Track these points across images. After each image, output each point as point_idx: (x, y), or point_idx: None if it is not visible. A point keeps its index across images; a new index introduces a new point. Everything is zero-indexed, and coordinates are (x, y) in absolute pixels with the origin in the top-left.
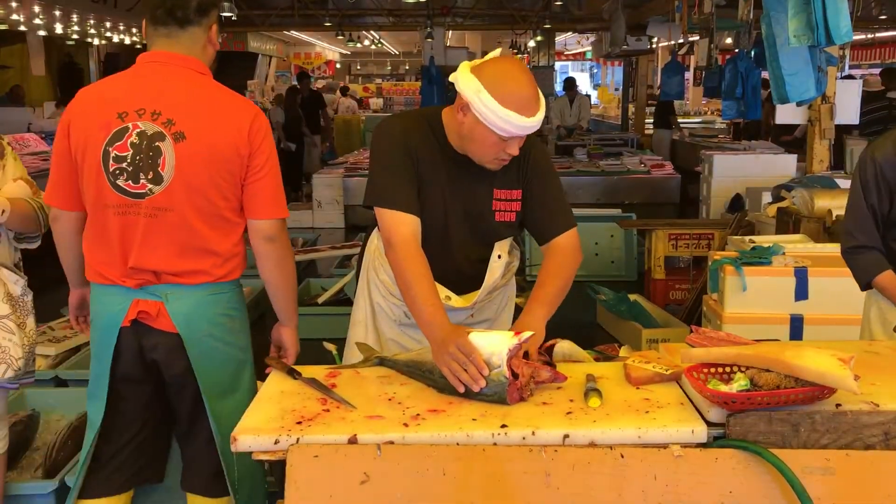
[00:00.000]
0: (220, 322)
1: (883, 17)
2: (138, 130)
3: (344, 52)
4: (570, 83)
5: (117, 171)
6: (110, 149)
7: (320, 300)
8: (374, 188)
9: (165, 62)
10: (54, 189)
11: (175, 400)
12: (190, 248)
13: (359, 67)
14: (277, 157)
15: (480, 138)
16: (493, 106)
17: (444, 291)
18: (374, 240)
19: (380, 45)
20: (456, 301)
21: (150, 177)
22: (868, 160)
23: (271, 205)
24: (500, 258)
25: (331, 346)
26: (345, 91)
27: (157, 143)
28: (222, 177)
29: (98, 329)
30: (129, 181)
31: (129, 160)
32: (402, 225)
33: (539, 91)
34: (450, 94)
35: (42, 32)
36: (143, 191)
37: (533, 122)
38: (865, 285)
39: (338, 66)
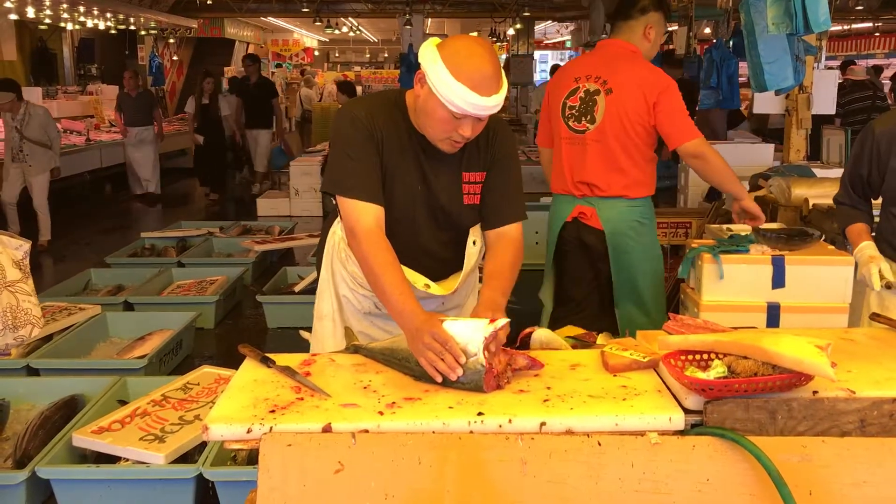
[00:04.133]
0: (633, 226)
1: (859, 7)
2: (585, 88)
3: (322, 39)
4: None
5: (569, 115)
6: (567, 101)
7: (297, 288)
8: (335, 175)
9: (610, 46)
10: (539, 133)
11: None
12: (613, 169)
13: (337, 55)
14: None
15: (431, 112)
16: (446, 78)
17: (422, 279)
18: (337, 231)
19: (358, 33)
20: (435, 289)
21: (588, 118)
22: (868, 131)
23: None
24: (476, 244)
25: (307, 335)
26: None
27: (595, 97)
28: (638, 119)
29: (551, 223)
30: (576, 122)
31: (577, 108)
32: (365, 214)
33: (502, 76)
34: None
35: (13, 16)
36: (584, 129)
37: (487, 103)
38: (841, 231)
39: (316, 53)
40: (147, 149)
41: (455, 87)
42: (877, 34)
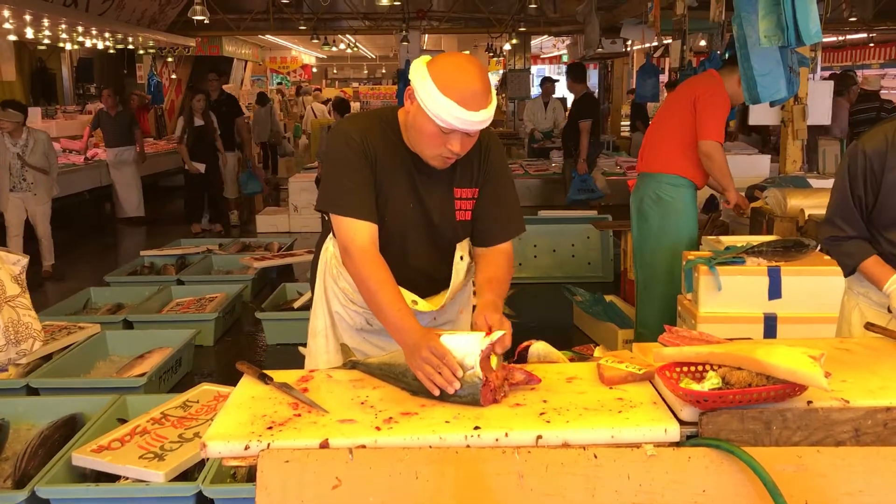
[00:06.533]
0: (652, 196)
1: (853, 18)
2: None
3: (320, 55)
4: (546, 82)
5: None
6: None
7: (296, 305)
8: (329, 193)
9: (709, 72)
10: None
11: None
12: (651, 145)
13: (335, 71)
14: None
15: (420, 127)
16: (433, 93)
17: (409, 296)
18: (330, 247)
19: (356, 49)
20: (423, 305)
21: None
22: (858, 152)
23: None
24: (463, 259)
25: (306, 351)
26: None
27: (667, 98)
28: (679, 107)
29: None
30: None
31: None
32: (359, 233)
33: (491, 92)
34: None
35: (12, 37)
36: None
37: (474, 118)
38: (851, 271)
39: (314, 70)
40: (128, 170)
41: (442, 101)
42: (871, 45)
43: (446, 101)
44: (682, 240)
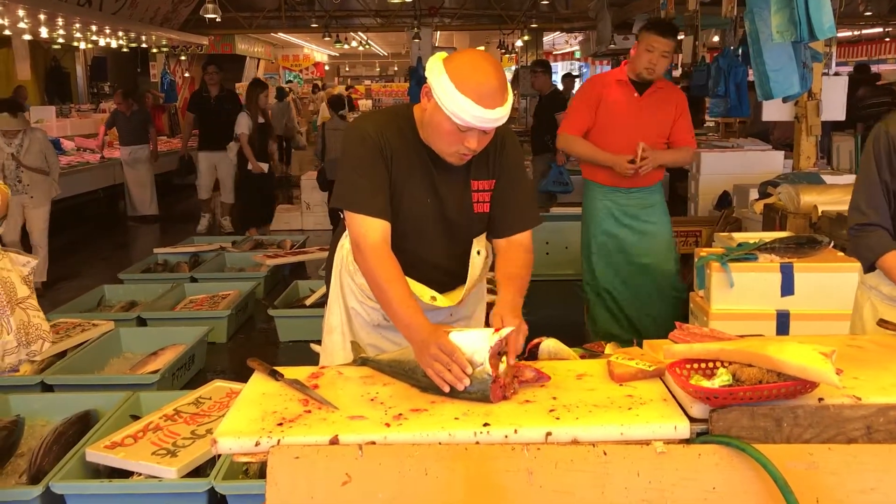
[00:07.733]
0: None
1: (868, 13)
2: None
3: (332, 53)
4: (567, 78)
5: None
6: None
7: (308, 302)
8: (343, 191)
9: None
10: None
11: None
12: None
13: (347, 69)
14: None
15: (438, 125)
16: (451, 91)
17: (428, 292)
18: (345, 244)
19: (368, 47)
20: (441, 301)
21: None
22: (882, 134)
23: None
24: (480, 254)
25: (318, 348)
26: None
27: None
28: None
29: None
30: None
31: None
32: (371, 230)
33: (508, 88)
34: None
35: (27, 37)
36: None
37: (491, 115)
38: (870, 266)
39: (326, 67)
40: (141, 167)
41: (460, 99)
42: (887, 39)
43: (463, 99)
44: (588, 240)
